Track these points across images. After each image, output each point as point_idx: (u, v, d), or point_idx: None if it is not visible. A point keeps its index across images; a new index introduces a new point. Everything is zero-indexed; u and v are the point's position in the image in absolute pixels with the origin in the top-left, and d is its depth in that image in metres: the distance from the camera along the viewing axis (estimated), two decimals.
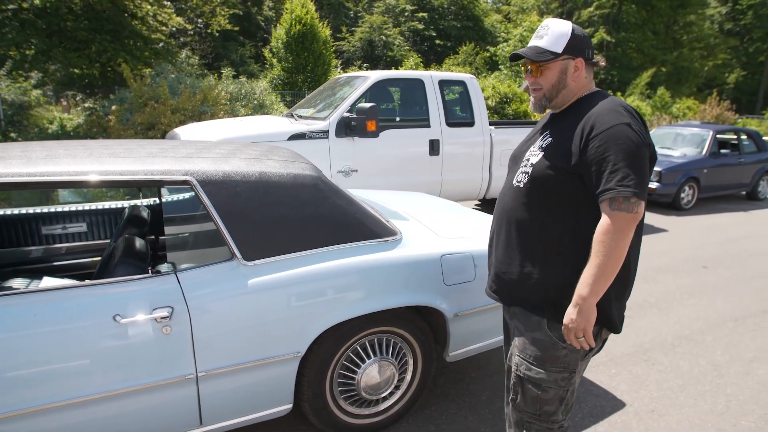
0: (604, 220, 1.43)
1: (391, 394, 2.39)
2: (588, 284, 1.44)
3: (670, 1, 30.26)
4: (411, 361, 2.41)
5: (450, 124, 5.52)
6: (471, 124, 5.71)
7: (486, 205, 7.49)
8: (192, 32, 21.63)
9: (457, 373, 2.95)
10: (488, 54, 26.46)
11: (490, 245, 1.79)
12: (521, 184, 1.62)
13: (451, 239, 2.47)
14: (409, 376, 2.42)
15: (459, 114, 5.85)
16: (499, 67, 23.05)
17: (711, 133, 8.79)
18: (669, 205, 8.20)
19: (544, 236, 1.58)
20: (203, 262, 1.93)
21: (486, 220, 3.05)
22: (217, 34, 19.51)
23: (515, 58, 1.63)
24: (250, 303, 1.91)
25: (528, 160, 1.63)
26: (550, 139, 1.59)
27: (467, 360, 3.01)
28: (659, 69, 29.01)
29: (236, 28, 17.73)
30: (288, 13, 16.82)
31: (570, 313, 1.49)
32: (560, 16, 31.69)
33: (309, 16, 16.59)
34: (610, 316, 1.57)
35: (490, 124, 6.25)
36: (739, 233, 6.88)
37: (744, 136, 9.43)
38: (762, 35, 36.87)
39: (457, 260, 2.36)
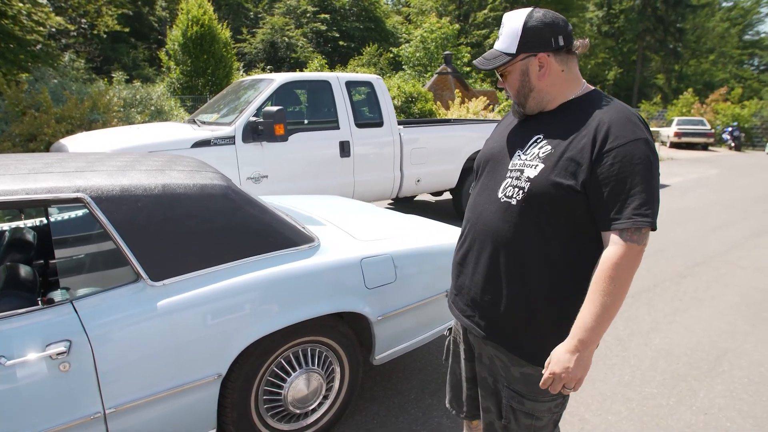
0: (613, 253, 1.21)
1: (320, 404, 2.32)
2: (591, 328, 1.22)
3: (554, 5, 32.54)
4: (338, 369, 2.36)
5: (359, 125, 5.52)
6: (380, 124, 5.75)
7: (398, 203, 7.60)
8: (75, 33, 19.93)
9: (384, 374, 2.94)
10: (391, 55, 26.93)
11: (462, 264, 1.52)
12: (513, 201, 1.35)
13: (369, 242, 2.45)
14: (337, 385, 2.37)
15: (367, 115, 5.87)
16: (403, 67, 23.55)
17: None
18: None
19: (539, 264, 1.34)
20: (104, 287, 1.75)
21: (401, 219, 3.08)
22: (104, 36, 18.08)
23: (480, 69, 1.39)
24: (160, 327, 1.76)
25: (521, 171, 1.35)
26: (549, 147, 1.32)
27: (393, 360, 3.02)
28: None
29: (126, 29, 16.53)
30: (183, 13, 15.97)
31: (564, 361, 1.24)
32: (457, 18, 32.94)
33: (207, 17, 15.86)
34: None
35: (398, 123, 6.33)
36: None
37: None
38: (632, 37, 40.88)
39: (377, 263, 2.35)
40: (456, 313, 1.59)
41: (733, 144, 21.80)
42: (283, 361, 2.15)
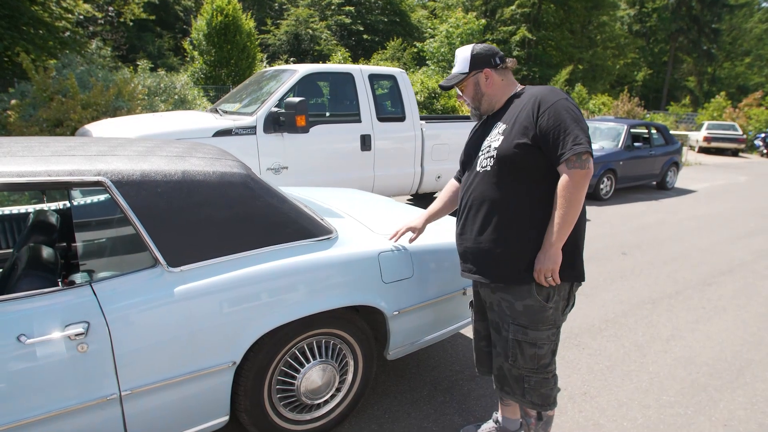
0: (564, 179, 1.70)
1: (333, 396, 2.32)
2: (555, 232, 1.72)
3: (585, 2, 31.89)
4: (351, 362, 2.35)
5: (381, 119, 5.49)
6: (402, 118, 5.71)
7: (418, 199, 7.55)
8: (102, 21, 20.21)
9: (398, 369, 2.92)
10: (416, 49, 26.75)
11: (462, 233, 1.97)
12: (488, 168, 1.85)
13: (388, 236, 2.43)
14: (350, 378, 2.36)
15: (390, 109, 5.83)
16: (427, 62, 23.37)
17: (626, 127, 9.37)
18: (589, 195, 8.61)
19: (517, 209, 1.81)
20: (123, 271, 1.76)
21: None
22: (131, 24, 18.30)
23: (444, 89, 2.00)
24: (177, 313, 1.76)
25: (489, 146, 1.86)
26: (505, 125, 1.84)
27: (407, 356, 3.00)
28: (576, 66, 30.58)
29: (152, 18, 16.72)
30: (209, 3, 16.09)
31: (540, 259, 1.77)
32: (484, 13, 32.50)
33: (231, 6, 15.95)
34: (577, 269, 1.87)
35: (420, 119, 6.29)
36: (652, 220, 7.39)
37: (654, 130, 10.14)
38: (664, 37, 39.98)
39: (394, 257, 2.32)
40: (465, 275, 2.00)
41: (765, 150, 21.14)
42: (297, 352, 2.15)
